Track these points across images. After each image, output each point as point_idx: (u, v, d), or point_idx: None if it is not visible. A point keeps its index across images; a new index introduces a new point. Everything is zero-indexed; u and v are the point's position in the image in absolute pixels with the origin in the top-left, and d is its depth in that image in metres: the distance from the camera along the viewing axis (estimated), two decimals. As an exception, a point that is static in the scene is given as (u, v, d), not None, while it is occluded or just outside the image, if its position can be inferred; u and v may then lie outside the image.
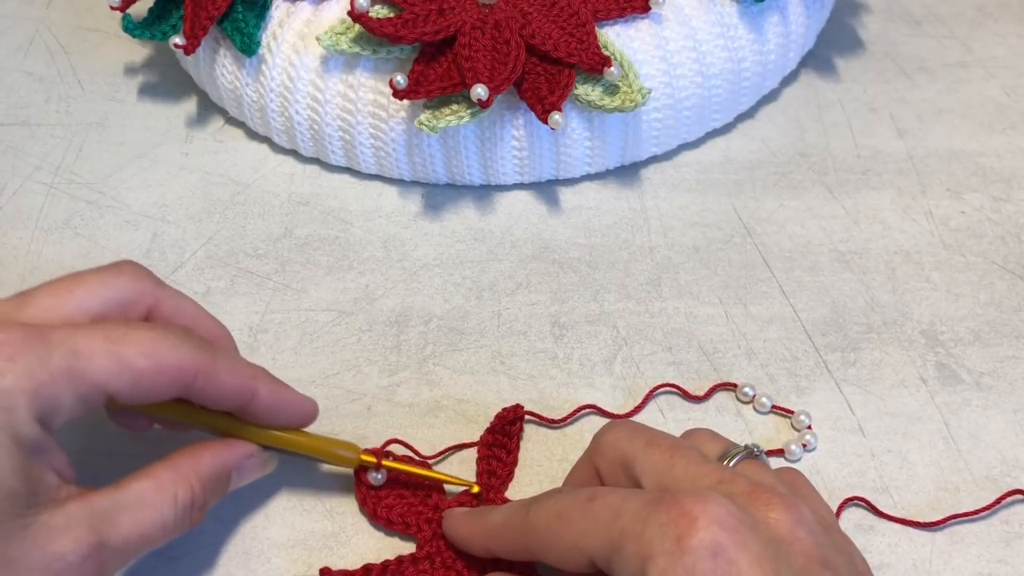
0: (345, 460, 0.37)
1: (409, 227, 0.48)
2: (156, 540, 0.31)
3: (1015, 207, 0.49)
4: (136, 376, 0.30)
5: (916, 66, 0.56)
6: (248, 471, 0.35)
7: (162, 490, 0.31)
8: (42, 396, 0.29)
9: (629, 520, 0.28)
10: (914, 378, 0.41)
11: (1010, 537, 0.36)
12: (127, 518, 0.30)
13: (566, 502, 0.30)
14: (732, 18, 0.49)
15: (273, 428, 0.35)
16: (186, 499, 0.32)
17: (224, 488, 0.34)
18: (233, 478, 0.35)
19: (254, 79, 0.49)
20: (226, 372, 0.33)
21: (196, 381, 0.32)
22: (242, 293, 0.45)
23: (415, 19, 0.45)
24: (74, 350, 0.29)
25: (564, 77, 0.45)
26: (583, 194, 0.49)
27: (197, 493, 0.32)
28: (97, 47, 0.58)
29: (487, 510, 0.34)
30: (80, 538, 0.29)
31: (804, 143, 0.52)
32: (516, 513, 0.32)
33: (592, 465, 0.33)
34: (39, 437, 0.29)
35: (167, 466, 0.32)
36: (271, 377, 0.35)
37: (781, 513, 0.28)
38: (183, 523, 0.32)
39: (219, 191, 0.50)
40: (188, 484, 0.32)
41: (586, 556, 0.29)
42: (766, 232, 0.47)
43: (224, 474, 0.34)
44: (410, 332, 0.43)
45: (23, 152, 0.52)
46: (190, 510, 0.32)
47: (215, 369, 0.32)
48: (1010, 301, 0.44)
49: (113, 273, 0.33)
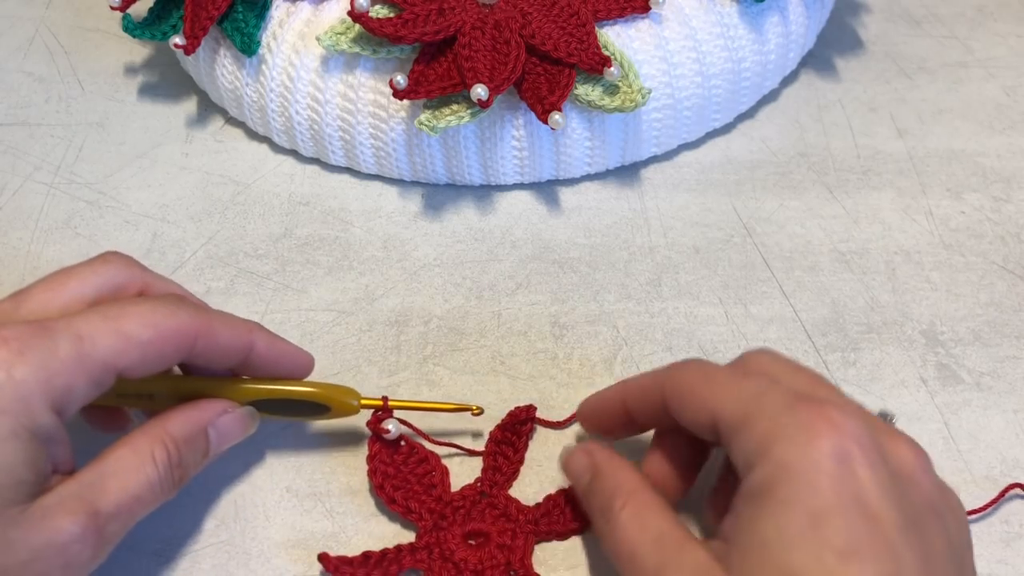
0: (346, 406, 0.37)
1: (409, 227, 0.48)
2: (147, 500, 0.32)
3: (1015, 207, 0.48)
4: (142, 348, 0.32)
5: (916, 66, 0.56)
6: (227, 429, 0.36)
7: (139, 452, 0.32)
8: (56, 385, 0.30)
9: (771, 402, 0.29)
10: (914, 378, 0.41)
11: (1010, 537, 0.36)
12: (114, 484, 0.31)
13: (718, 368, 0.33)
14: (732, 18, 0.49)
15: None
16: (163, 457, 0.33)
17: (203, 446, 0.35)
18: (212, 437, 0.35)
19: (254, 79, 0.49)
20: (223, 328, 0.34)
21: (197, 342, 0.33)
22: (242, 293, 0.45)
23: (415, 19, 0.45)
24: (78, 335, 0.31)
25: (564, 77, 0.45)
26: (583, 194, 0.49)
27: (172, 450, 0.33)
28: (97, 47, 0.58)
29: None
30: (75, 510, 0.30)
31: (804, 143, 0.52)
32: (660, 370, 0.34)
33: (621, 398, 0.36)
34: (54, 427, 0.30)
35: (140, 432, 0.33)
36: (267, 330, 0.36)
37: (909, 453, 0.30)
38: (167, 481, 0.33)
39: (219, 191, 0.50)
40: (162, 443, 0.33)
41: (713, 420, 0.31)
42: (766, 232, 0.47)
43: (198, 432, 0.34)
44: (410, 332, 0.43)
45: (23, 152, 0.52)
46: (170, 468, 0.33)
47: (213, 327, 0.34)
48: (1010, 301, 0.44)
49: (102, 262, 0.35)
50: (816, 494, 0.27)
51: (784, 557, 0.27)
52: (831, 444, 0.28)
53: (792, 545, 0.27)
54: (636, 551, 0.31)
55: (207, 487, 0.38)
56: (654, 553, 0.30)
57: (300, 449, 0.39)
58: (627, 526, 0.32)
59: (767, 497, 0.28)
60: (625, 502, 0.32)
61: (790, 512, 0.27)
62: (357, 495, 0.38)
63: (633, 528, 0.32)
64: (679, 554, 0.30)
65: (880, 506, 0.27)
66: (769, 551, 0.27)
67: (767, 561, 0.27)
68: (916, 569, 0.27)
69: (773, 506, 0.28)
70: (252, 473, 0.38)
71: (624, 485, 0.33)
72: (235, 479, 0.38)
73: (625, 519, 0.32)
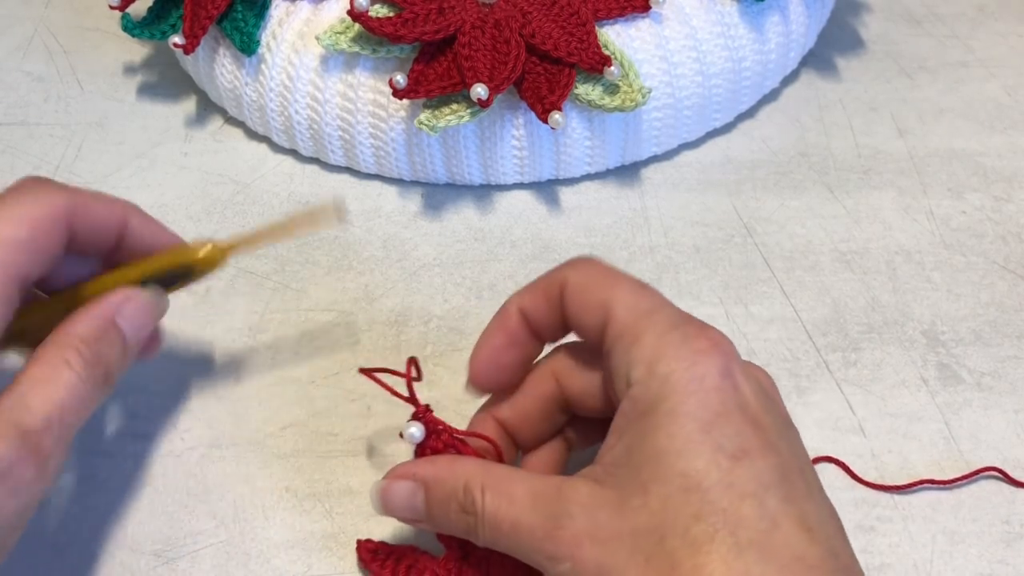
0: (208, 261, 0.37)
1: (409, 227, 0.48)
2: (75, 405, 0.31)
3: (1016, 207, 0.48)
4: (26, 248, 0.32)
5: (917, 65, 0.56)
6: (136, 316, 0.35)
7: (51, 362, 0.32)
8: None
9: (661, 319, 0.30)
10: (915, 378, 0.41)
11: (1011, 537, 0.36)
12: (35, 398, 0.30)
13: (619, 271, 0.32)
14: (733, 17, 0.49)
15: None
16: (76, 358, 0.32)
17: (117, 338, 0.34)
18: (124, 327, 0.34)
19: (253, 79, 0.49)
20: (95, 203, 0.34)
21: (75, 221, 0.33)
22: (242, 293, 0.45)
23: (415, 18, 0.45)
24: None
25: (564, 76, 0.45)
26: (583, 194, 0.49)
27: (84, 350, 0.32)
28: (96, 47, 0.58)
29: None
30: (4, 434, 0.29)
31: (805, 143, 0.52)
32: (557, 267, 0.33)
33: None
34: None
35: (46, 344, 0.32)
36: (141, 210, 0.36)
37: (764, 375, 0.32)
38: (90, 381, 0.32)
39: (218, 191, 0.49)
40: (71, 346, 0.32)
41: (604, 320, 0.31)
42: (767, 232, 0.47)
43: (105, 324, 0.33)
44: (410, 332, 0.43)
45: (22, 152, 0.52)
46: (88, 367, 0.32)
47: (84, 202, 0.34)
48: (1011, 301, 0.44)
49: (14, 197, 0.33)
50: (705, 405, 0.28)
51: (681, 464, 0.28)
52: (716, 361, 0.29)
53: (687, 452, 0.28)
54: (519, 522, 0.29)
55: (207, 487, 0.38)
56: (537, 513, 0.29)
57: (300, 449, 0.39)
58: (496, 510, 0.30)
59: (655, 411, 0.28)
60: (482, 490, 0.30)
61: (681, 422, 0.28)
62: (357, 495, 0.38)
63: (503, 507, 0.30)
64: (562, 500, 0.29)
65: (760, 413, 0.29)
66: (664, 460, 0.28)
67: (664, 470, 0.28)
68: (792, 466, 0.29)
69: (662, 418, 0.28)
70: (252, 473, 0.38)
71: (468, 475, 0.31)
72: (235, 479, 0.38)
73: (491, 505, 0.30)
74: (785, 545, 0.27)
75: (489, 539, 0.30)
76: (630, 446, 0.29)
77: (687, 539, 0.27)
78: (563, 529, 0.28)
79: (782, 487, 0.28)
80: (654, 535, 0.27)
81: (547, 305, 0.33)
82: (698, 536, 0.27)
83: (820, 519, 0.28)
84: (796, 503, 0.28)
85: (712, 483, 0.27)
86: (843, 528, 0.29)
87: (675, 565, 0.27)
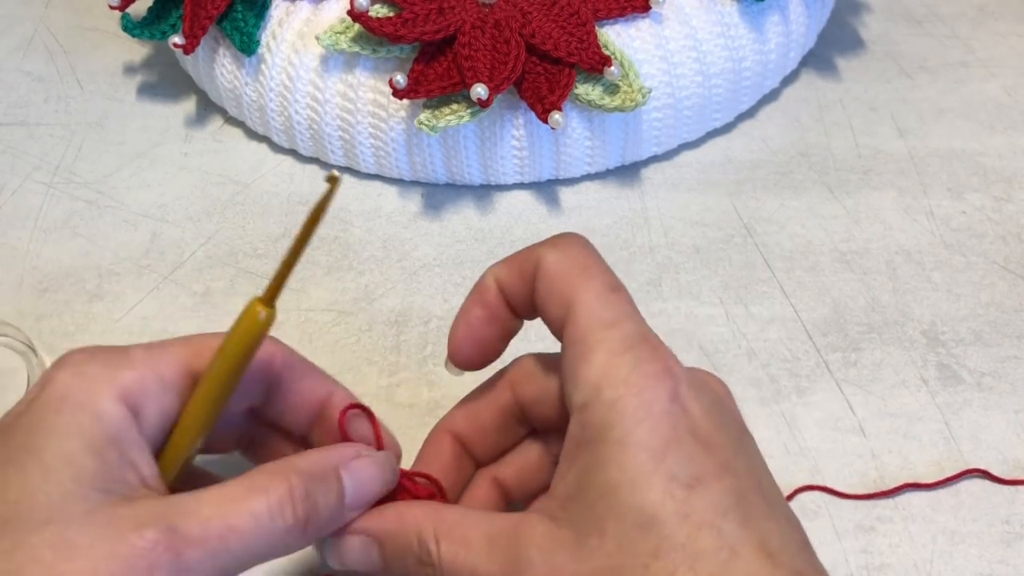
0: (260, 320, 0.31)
1: (409, 227, 0.48)
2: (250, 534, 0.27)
3: (1016, 207, 0.48)
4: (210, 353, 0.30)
5: (917, 66, 0.56)
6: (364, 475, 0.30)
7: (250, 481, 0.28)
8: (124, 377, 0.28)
9: (618, 335, 0.29)
10: (915, 378, 0.41)
11: (1011, 538, 0.36)
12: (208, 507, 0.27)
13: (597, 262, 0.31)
14: (733, 17, 0.49)
15: None
16: (282, 493, 0.28)
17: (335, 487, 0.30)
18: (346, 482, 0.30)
19: (253, 79, 0.49)
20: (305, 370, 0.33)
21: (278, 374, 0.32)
22: (242, 293, 0.45)
23: (415, 18, 0.45)
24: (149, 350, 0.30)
25: (564, 76, 0.45)
26: (583, 194, 0.49)
27: (295, 483, 0.28)
28: (96, 47, 0.58)
29: None
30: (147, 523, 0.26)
31: (805, 143, 0.52)
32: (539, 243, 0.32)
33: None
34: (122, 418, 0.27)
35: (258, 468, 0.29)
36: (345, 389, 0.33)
37: (718, 384, 0.31)
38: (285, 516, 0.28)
39: (218, 191, 0.49)
40: (282, 475, 0.28)
41: (563, 320, 0.30)
42: (767, 232, 0.47)
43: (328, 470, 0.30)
44: (410, 332, 0.43)
45: (22, 152, 0.52)
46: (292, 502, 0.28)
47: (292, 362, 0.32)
48: (1011, 301, 0.44)
49: None
50: (654, 432, 0.27)
51: (635, 498, 0.27)
52: (665, 385, 0.28)
53: (640, 483, 0.27)
54: (476, 570, 0.28)
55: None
56: (494, 559, 0.28)
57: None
58: (454, 558, 0.29)
59: (603, 439, 0.28)
60: (435, 539, 0.29)
61: (632, 452, 0.27)
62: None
63: (460, 555, 0.29)
64: (519, 542, 0.28)
65: (711, 433, 0.28)
66: (617, 494, 0.27)
67: (618, 505, 0.27)
68: (749, 483, 0.28)
69: (611, 448, 0.27)
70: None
71: (420, 525, 0.30)
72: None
73: (447, 554, 0.29)
74: (747, 574, 0.26)
75: None
76: (580, 478, 0.28)
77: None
78: (523, 574, 0.28)
79: (739, 510, 0.27)
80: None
81: (521, 281, 0.32)
82: (657, 574, 0.26)
83: (782, 540, 0.27)
84: (754, 526, 0.27)
85: (668, 516, 0.26)
86: (807, 542, 0.28)
87: None
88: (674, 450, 0.27)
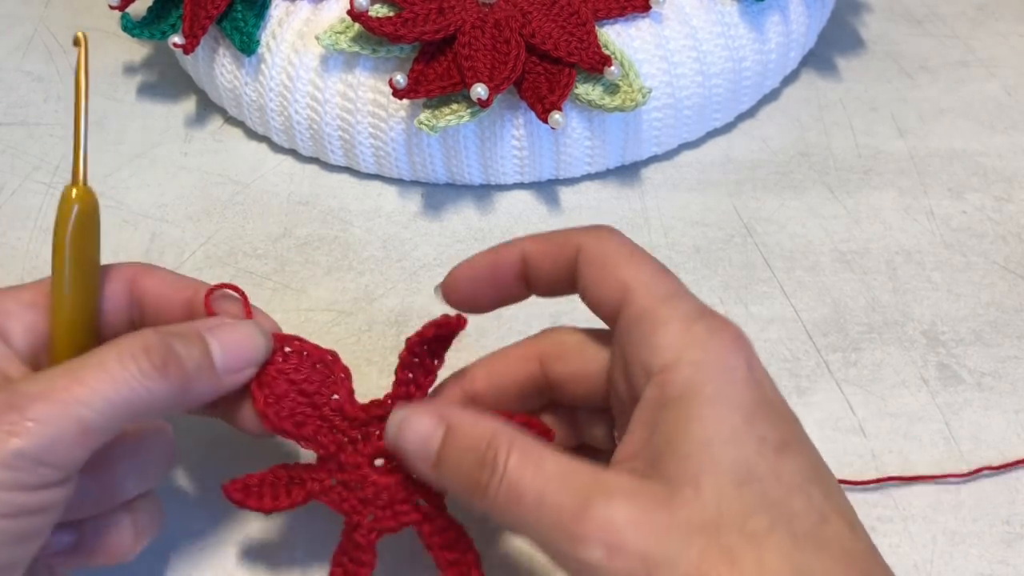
0: None
1: (409, 227, 0.48)
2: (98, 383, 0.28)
3: (1016, 207, 0.48)
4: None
5: (917, 65, 0.56)
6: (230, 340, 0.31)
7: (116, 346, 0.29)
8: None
9: (685, 306, 0.29)
10: (915, 378, 0.41)
11: (1011, 538, 0.36)
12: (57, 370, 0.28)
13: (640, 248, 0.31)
14: (733, 17, 0.49)
15: None
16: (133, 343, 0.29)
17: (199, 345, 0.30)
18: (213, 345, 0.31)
19: (253, 78, 0.49)
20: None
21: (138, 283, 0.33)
22: (241, 293, 0.45)
23: (415, 18, 0.45)
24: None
25: (564, 76, 0.45)
26: (583, 194, 0.49)
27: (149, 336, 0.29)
28: (96, 46, 0.58)
29: None
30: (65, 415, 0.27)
31: (805, 143, 0.52)
32: (573, 230, 0.32)
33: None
34: None
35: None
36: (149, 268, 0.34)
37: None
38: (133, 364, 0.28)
39: (218, 191, 0.49)
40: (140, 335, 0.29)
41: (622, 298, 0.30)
42: (767, 232, 0.47)
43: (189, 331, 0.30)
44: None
45: (22, 152, 0.52)
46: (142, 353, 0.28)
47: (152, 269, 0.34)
48: (1011, 301, 0.44)
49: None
50: (742, 395, 0.28)
51: (731, 453, 0.27)
52: (743, 354, 0.28)
53: (736, 441, 0.27)
54: (544, 496, 0.27)
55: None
56: (567, 492, 0.27)
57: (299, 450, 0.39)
58: (521, 474, 0.27)
59: (691, 398, 0.27)
60: (509, 449, 0.28)
61: (723, 411, 0.27)
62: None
63: (530, 474, 0.27)
64: (598, 484, 0.27)
65: (781, 403, 0.29)
66: (712, 449, 0.27)
67: (713, 459, 0.27)
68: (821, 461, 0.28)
69: (702, 406, 0.27)
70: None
71: (497, 431, 0.28)
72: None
73: (515, 467, 0.27)
74: (835, 539, 0.26)
75: (501, 504, 0.27)
76: (669, 435, 0.27)
77: (745, 533, 0.26)
78: (597, 512, 0.26)
79: (821, 482, 0.28)
80: (708, 528, 0.26)
81: (553, 261, 0.32)
82: (757, 530, 0.26)
83: (855, 515, 0.28)
84: (835, 497, 0.28)
85: (764, 474, 0.27)
86: None
87: (734, 560, 0.25)
88: (761, 414, 0.28)
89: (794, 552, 0.26)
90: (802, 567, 0.26)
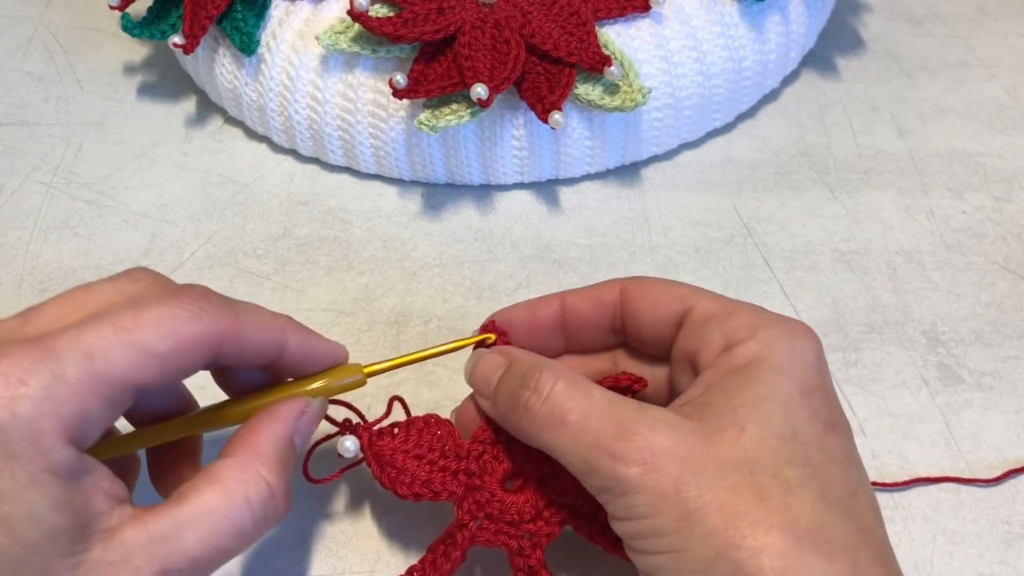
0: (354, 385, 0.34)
1: (409, 227, 0.48)
2: (234, 547, 0.28)
3: (1016, 207, 0.48)
4: (161, 361, 0.28)
5: (917, 65, 0.56)
6: (307, 427, 0.32)
7: (230, 495, 0.28)
8: (68, 415, 0.26)
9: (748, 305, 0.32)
10: (915, 378, 0.41)
11: (1011, 538, 0.36)
12: (192, 536, 0.27)
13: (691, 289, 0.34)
14: (733, 17, 0.49)
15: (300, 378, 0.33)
16: (262, 496, 0.29)
17: (293, 458, 0.31)
18: (298, 443, 0.32)
19: (253, 78, 0.49)
20: (253, 329, 0.30)
21: (223, 346, 0.29)
22: (241, 293, 0.45)
23: (415, 18, 0.45)
24: (87, 353, 0.26)
25: (564, 76, 0.45)
26: (583, 194, 0.49)
27: (273, 483, 0.29)
28: (96, 46, 0.58)
29: None
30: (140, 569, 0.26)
31: (805, 143, 0.52)
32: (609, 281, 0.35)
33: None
34: (75, 461, 0.26)
35: (229, 465, 0.29)
36: (299, 326, 0.33)
37: None
38: (263, 519, 0.29)
39: (218, 191, 0.49)
40: (259, 478, 0.29)
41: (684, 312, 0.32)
42: (767, 232, 0.47)
43: (287, 446, 0.31)
44: (410, 332, 0.43)
45: (22, 152, 0.52)
46: (268, 504, 0.29)
47: (241, 328, 0.30)
48: (1011, 301, 0.44)
49: (127, 279, 0.30)
50: (805, 373, 0.30)
51: (782, 414, 0.28)
52: (813, 343, 0.31)
53: (789, 406, 0.29)
54: (589, 419, 0.29)
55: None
56: (612, 417, 0.28)
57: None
58: (567, 397, 0.29)
59: (758, 365, 0.29)
60: (556, 377, 0.30)
61: (783, 381, 0.29)
62: (356, 495, 0.38)
63: (575, 397, 0.29)
64: (642, 415, 0.28)
65: (838, 401, 0.31)
66: (765, 407, 0.28)
67: (764, 415, 0.28)
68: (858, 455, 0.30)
69: (765, 372, 0.29)
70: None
71: (548, 364, 0.31)
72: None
73: (562, 391, 0.30)
74: (862, 514, 0.28)
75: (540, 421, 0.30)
76: (726, 391, 0.29)
77: (779, 478, 0.27)
78: (638, 435, 0.28)
79: (858, 467, 0.29)
80: (743, 467, 0.27)
81: (594, 306, 0.34)
82: (790, 479, 0.27)
83: (879, 509, 0.29)
84: (867, 486, 0.29)
85: (809, 439, 0.28)
86: None
87: (764, 498, 0.27)
88: (819, 395, 0.30)
89: (821, 507, 0.27)
90: (825, 524, 0.27)
